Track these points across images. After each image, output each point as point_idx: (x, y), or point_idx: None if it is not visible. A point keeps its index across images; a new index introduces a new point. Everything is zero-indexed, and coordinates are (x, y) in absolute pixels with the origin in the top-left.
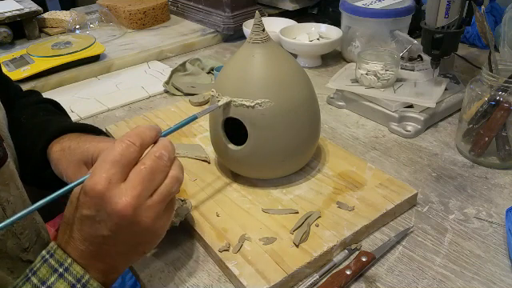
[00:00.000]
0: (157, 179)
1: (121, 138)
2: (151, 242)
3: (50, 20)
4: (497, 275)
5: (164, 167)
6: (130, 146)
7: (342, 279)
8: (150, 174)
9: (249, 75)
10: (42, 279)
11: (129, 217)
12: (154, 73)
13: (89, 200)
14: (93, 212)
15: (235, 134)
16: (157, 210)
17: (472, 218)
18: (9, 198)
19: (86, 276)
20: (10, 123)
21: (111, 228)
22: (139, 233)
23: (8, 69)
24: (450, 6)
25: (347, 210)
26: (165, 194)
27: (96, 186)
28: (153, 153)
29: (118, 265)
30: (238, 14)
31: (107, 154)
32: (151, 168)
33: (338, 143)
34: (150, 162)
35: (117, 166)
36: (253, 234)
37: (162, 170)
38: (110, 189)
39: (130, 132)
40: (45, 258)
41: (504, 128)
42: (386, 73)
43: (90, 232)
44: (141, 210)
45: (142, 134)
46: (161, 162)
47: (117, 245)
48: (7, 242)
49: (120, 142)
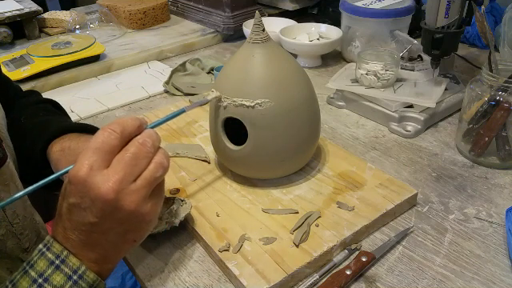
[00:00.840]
0: (140, 164)
1: (102, 127)
2: (140, 229)
3: (49, 20)
4: (497, 275)
5: (147, 153)
6: (111, 134)
7: (341, 279)
8: (133, 159)
9: (249, 75)
10: (40, 271)
11: (112, 201)
12: (154, 73)
13: (73, 188)
14: (78, 199)
15: (235, 134)
16: (141, 195)
17: (472, 218)
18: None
19: (82, 267)
20: (10, 123)
21: (97, 214)
22: (125, 219)
23: (8, 69)
24: (450, 5)
25: (347, 210)
26: (149, 179)
27: (78, 172)
28: (136, 140)
29: (109, 254)
30: (238, 14)
31: (89, 143)
32: (134, 154)
33: (338, 143)
34: (133, 148)
35: (98, 152)
36: (253, 234)
37: (145, 156)
38: (92, 175)
39: (114, 121)
40: (42, 251)
41: (504, 128)
42: (386, 73)
43: (77, 220)
44: (124, 195)
45: (124, 122)
46: (144, 148)
47: (105, 232)
48: (7, 242)
49: (101, 130)
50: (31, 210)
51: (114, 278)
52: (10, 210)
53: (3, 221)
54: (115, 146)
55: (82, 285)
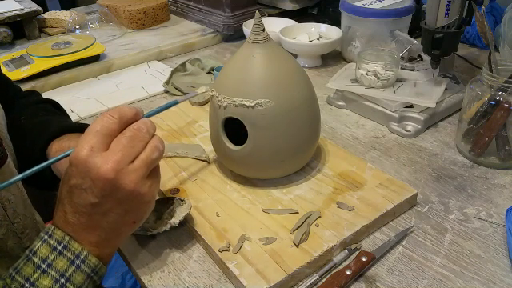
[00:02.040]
0: (136, 147)
1: (101, 114)
2: (139, 209)
3: (50, 20)
4: (497, 275)
5: (143, 137)
6: (110, 119)
7: (341, 279)
8: (130, 141)
9: (249, 75)
10: (43, 258)
11: (112, 180)
12: (154, 73)
13: (74, 169)
14: (79, 180)
15: (235, 134)
16: (139, 175)
17: (472, 218)
18: (9, 197)
19: (84, 252)
20: (10, 123)
21: (97, 194)
22: (125, 198)
23: (8, 69)
24: (450, 5)
25: (347, 209)
26: (145, 160)
27: (79, 154)
28: (132, 126)
29: (109, 237)
30: (238, 14)
31: (89, 128)
32: (130, 137)
33: (338, 143)
34: (129, 132)
35: (98, 135)
36: (253, 234)
37: (141, 139)
38: (93, 156)
39: (112, 109)
40: (44, 239)
41: (504, 128)
42: (386, 73)
43: (78, 202)
44: (123, 174)
45: (121, 109)
46: (139, 133)
47: (106, 213)
48: (8, 241)
49: (100, 116)
50: (31, 209)
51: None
52: (11, 209)
53: (4, 220)
54: (114, 129)
55: (85, 269)
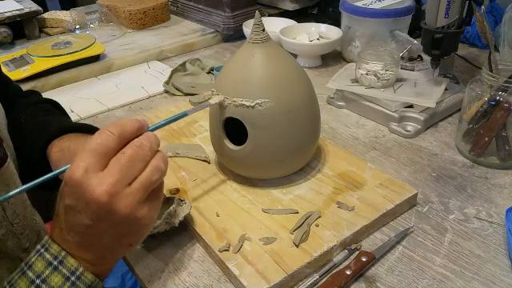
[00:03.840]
0: (136, 167)
1: (101, 129)
2: (135, 233)
3: (50, 20)
4: (497, 275)
5: (144, 156)
6: (109, 136)
7: (341, 279)
8: (129, 161)
9: (249, 75)
10: (37, 272)
11: (106, 204)
12: (154, 73)
13: (68, 189)
14: (73, 201)
15: (235, 134)
16: (136, 199)
17: (472, 218)
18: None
19: (80, 268)
20: (10, 123)
21: (91, 217)
22: (120, 222)
23: (8, 69)
24: (450, 5)
25: (347, 209)
26: (144, 183)
27: (73, 174)
28: (133, 143)
29: (105, 256)
30: (238, 14)
31: (86, 144)
32: (130, 156)
33: (338, 143)
34: (130, 151)
35: (94, 154)
36: (253, 234)
37: (141, 159)
38: (88, 177)
39: (113, 123)
40: (40, 252)
41: (504, 128)
42: (386, 73)
43: (73, 222)
44: (118, 198)
45: (123, 124)
46: (141, 151)
47: (100, 235)
48: (7, 242)
49: (99, 132)
50: (31, 209)
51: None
52: (11, 209)
53: (4, 221)
54: (112, 148)
55: (80, 286)
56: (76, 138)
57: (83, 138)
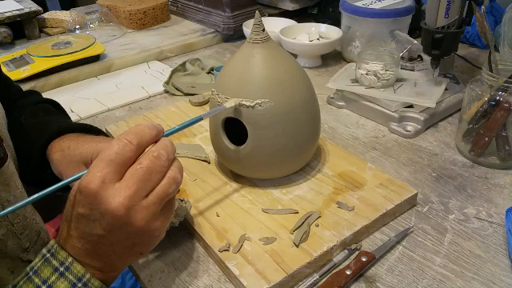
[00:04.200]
0: (153, 179)
1: (118, 136)
2: (148, 243)
3: (50, 20)
4: (497, 275)
5: (161, 167)
6: (127, 145)
7: (341, 279)
8: (146, 174)
9: (249, 75)
10: (43, 278)
11: (122, 217)
12: (154, 73)
13: (83, 199)
14: (87, 211)
15: (235, 134)
16: (152, 211)
17: (472, 218)
18: (9, 198)
19: (86, 275)
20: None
21: (105, 227)
22: (134, 233)
23: (8, 69)
24: (450, 5)
25: (347, 209)
26: (160, 195)
27: (89, 184)
28: (151, 152)
29: (115, 264)
30: (238, 14)
31: (103, 153)
32: (148, 168)
33: (338, 143)
34: (147, 161)
35: (112, 164)
36: (253, 233)
37: (159, 171)
38: (104, 188)
39: (129, 130)
40: (46, 257)
41: (504, 128)
42: (386, 73)
43: (85, 230)
44: (135, 211)
45: (141, 132)
46: (158, 162)
47: (112, 244)
48: (8, 241)
49: (117, 140)
50: (31, 209)
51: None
52: None
53: (4, 220)
54: (130, 158)
55: None
56: (76, 138)
57: (83, 138)
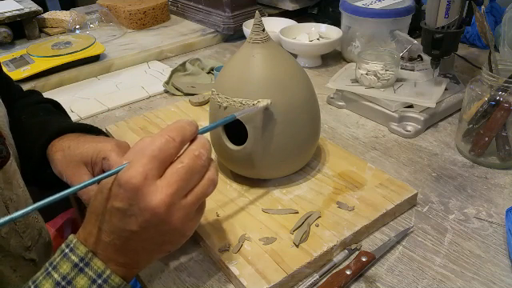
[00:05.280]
0: (193, 179)
1: (161, 133)
2: (178, 242)
3: (50, 20)
4: (497, 275)
5: (201, 167)
6: (170, 142)
7: (341, 279)
8: (188, 173)
9: (249, 75)
10: (63, 274)
11: (161, 215)
12: (154, 73)
13: (122, 193)
14: (125, 205)
15: (235, 134)
16: (189, 211)
17: (472, 218)
18: (12, 196)
19: (107, 271)
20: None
21: (141, 224)
22: (167, 232)
23: (8, 69)
24: (450, 5)
25: (347, 209)
26: (199, 196)
27: (132, 179)
28: (192, 151)
29: (140, 260)
30: (238, 14)
31: (146, 148)
32: (189, 167)
33: (338, 143)
34: (189, 160)
35: (154, 161)
36: (253, 233)
37: (199, 171)
38: (146, 184)
39: (171, 126)
40: (65, 253)
41: (504, 128)
42: (386, 73)
43: (118, 225)
44: (173, 210)
45: (183, 129)
46: (199, 161)
47: (143, 241)
48: (10, 240)
49: (160, 136)
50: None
51: None
52: (13, 208)
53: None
54: (173, 155)
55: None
56: (76, 138)
57: (83, 137)
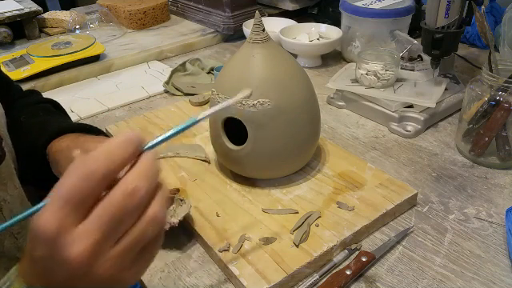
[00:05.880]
0: (125, 222)
1: (83, 160)
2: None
3: (50, 20)
4: (497, 275)
5: (137, 206)
6: (91, 176)
7: (341, 279)
8: (116, 216)
9: (249, 75)
10: None
11: (84, 268)
12: (154, 73)
13: (39, 241)
14: (44, 255)
15: (235, 134)
16: (122, 260)
17: (472, 218)
18: (6, 197)
19: None
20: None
21: (65, 277)
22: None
23: (8, 69)
24: (450, 5)
25: (347, 209)
26: (135, 241)
27: (45, 227)
28: (124, 186)
29: None
30: (238, 14)
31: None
32: (118, 209)
33: (338, 143)
34: (118, 199)
35: (71, 203)
36: (253, 234)
37: (134, 210)
38: (62, 233)
39: (96, 152)
40: None
41: (504, 128)
42: (386, 73)
43: (44, 274)
44: (100, 261)
45: (111, 155)
46: (133, 199)
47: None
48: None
49: (79, 167)
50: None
51: None
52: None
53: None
54: (93, 192)
55: None
56: (75, 138)
57: (83, 138)
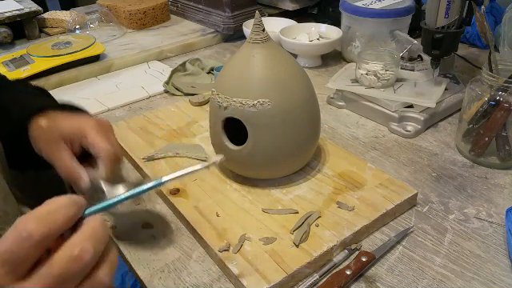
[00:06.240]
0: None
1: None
2: None
3: (50, 20)
4: (497, 275)
5: (82, 270)
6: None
7: (341, 279)
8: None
9: (249, 75)
10: None
11: None
12: (154, 73)
13: None
14: None
15: (235, 134)
16: None
17: (472, 218)
18: None
19: None
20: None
21: None
22: None
23: (8, 69)
24: (450, 5)
25: (347, 209)
26: None
27: None
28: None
29: None
30: (238, 14)
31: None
32: (60, 274)
33: (338, 143)
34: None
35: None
36: (253, 234)
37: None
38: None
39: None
40: None
41: (504, 128)
42: (386, 73)
43: None
44: None
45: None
46: (78, 264)
47: None
48: None
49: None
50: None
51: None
52: None
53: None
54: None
55: None
56: (56, 114)
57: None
